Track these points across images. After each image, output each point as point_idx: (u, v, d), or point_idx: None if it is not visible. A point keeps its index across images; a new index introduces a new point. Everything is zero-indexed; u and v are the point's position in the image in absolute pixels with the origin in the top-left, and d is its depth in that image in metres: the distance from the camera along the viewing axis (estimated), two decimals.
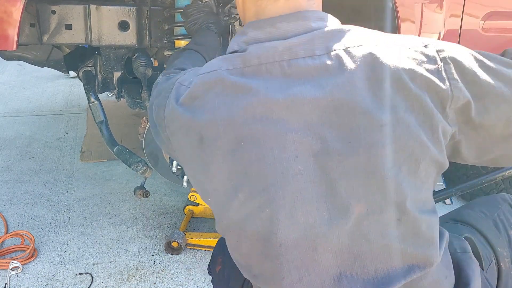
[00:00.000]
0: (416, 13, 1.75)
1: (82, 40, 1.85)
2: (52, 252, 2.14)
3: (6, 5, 1.44)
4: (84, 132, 3.38)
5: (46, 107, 3.90)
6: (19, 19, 1.45)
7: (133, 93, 2.16)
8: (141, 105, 2.08)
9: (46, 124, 3.53)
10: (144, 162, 1.91)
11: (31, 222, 2.35)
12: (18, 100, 4.02)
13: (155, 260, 2.13)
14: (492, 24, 1.93)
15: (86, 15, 1.80)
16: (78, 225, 2.35)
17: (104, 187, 2.70)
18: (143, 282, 2.00)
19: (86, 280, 1.99)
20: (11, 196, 2.57)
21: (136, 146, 3.04)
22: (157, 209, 2.51)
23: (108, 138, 1.99)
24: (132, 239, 2.26)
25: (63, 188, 2.67)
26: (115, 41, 1.86)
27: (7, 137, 3.29)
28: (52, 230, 2.30)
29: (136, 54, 2.00)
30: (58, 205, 2.51)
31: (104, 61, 1.96)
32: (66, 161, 2.99)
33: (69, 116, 3.71)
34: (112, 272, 2.05)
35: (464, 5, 1.85)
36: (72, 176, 2.80)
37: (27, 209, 2.46)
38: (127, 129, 3.38)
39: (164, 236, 2.28)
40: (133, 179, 2.77)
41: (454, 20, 1.86)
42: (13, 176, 2.77)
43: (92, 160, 3.00)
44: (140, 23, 1.87)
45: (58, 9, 1.78)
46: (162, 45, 1.96)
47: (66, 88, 4.36)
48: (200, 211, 2.38)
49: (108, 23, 1.83)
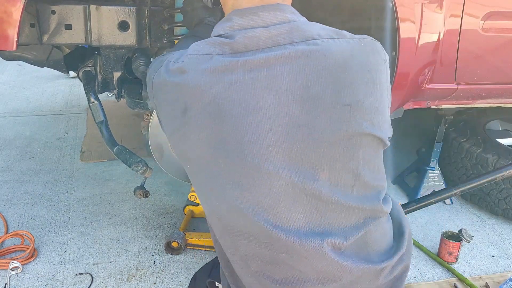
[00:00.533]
0: (416, 13, 1.75)
1: (82, 40, 1.84)
2: (52, 252, 2.14)
3: (6, 5, 1.44)
4: (84, 132, 3.38)
5: (46, 107, 3.90)
6: (19, 19, 1.45)
7: (133, 93, 2.15)
8: (141, 105, 2.08)
9: (46, 124, 3.53)
10: (144, 162, 1.91)
11: (31, 222, 2.35)
12: (18, 100, 4.02)
13: (155, 260, 2.13)
14: (492, 24, 1.93)
15: (86, 15, 1.80)
16: (78, 225, 2.35)
17: (104, 187, 2.70)
18: (143, 282, 2.00)
19: (86, 280, 1.99)
20: (11, 196, 2.57)
21: (136, 146, 3.04)
22: (157, 209, 2.51)
23: (108, 138, 1.99)
24: (132, 239, 2.26)
25: (63, 188, 2.67)
26: (115, 41, 1.86)
27: (7, 137, 3.29)
28: (52, 230, 2.30)
29: (136, 54, 2.00)
30: (58, 205, 2.51)
31: (104, 61, 1.96)
32: (66, 161, 2.99)
33: (69, 116, 3.71)
34: (112, 272, 2.05)
35: (464, 5, 1.85)
36: (72, 176, 2.80)
37: (27, 209, 2.46)
38: (127, 129, 3.38)
39: (164, 236, 2.28)
40: (133, 179, 2.77)
41: (454, 20, 1.86)
42: (13, 176, 2.77)
43: (92, 160, 3.00)
44: (140, 23, 1.87)
45: (58, 9, 1.77)
46: (162, 45, 1.96)
47: (66, 88, 4.36)
48: (200, 211, 2.38)
49: (108, 23, 1.83)
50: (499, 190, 2.52)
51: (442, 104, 2.15)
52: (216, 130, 0.97)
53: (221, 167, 0.98)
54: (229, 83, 0.96)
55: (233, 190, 0.99)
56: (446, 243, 2.21)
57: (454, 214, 2.65)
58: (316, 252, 0.98)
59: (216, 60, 0.97)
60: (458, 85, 2.03)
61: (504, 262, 2.28)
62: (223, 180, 0.99)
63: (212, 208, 1.07)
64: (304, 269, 1.00)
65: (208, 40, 1.04)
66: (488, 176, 2.12)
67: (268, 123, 0.95)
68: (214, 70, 0.97)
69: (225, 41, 1.00)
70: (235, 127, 0.95)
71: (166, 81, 1.03)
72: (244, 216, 0.99)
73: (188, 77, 0.98)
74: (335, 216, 1.00)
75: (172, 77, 1.01)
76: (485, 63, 2.02)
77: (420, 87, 1.94)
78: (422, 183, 2.71)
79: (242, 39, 0.98)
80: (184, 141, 1.02)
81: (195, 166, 1.04)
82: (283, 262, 1.01)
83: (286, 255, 1.00)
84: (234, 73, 0.96)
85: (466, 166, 2.64)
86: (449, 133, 2.75)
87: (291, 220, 0.98)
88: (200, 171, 1.03)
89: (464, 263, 2.25)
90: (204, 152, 0.99)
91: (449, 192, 2.17)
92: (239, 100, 0.95)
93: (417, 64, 1.81)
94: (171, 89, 1.02)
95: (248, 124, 0.95)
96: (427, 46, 1.82)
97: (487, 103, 2.22)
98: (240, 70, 0.96)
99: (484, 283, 2.11)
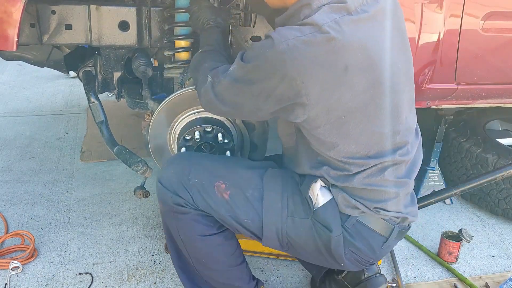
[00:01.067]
0: (416, 13, 1.75)
1: (82, 40, 1.85)
2: (52, 252, 2.15)
3: (6, 5, 1.44)
4: (84, 132, 3.38)
5: (46, 107, 3.90)
6: (19, 20, 1.45)
7: (133, 93, 2.15)
8: (141, 105, 2.08)
9: (46, 124, 3.53)
10: (144, 162, 1.91)
11: (31, 222, 2.35)
12: (18, 100, 4.02)
13: (155, 260, 2.13)
14: (492, 24, 1.93)
15: (86, 15, 1.80)
16: (78, 225, 2.35)
17: (104, 187, 2.71)
18: (143, 282, 2.00)
19: (86, 280, 1.99)
20: (11, 196, 2.57)
21: (136, 146, 3.04)
22: (157, 209, 2.51)
23: (108, 138, 1.99)
24: (132, 239, 2.27)
25: (63, 188, 2.68)
26: (115, 41, 1.86)
27: (7, 137, 3.29)
28: (52, 230, 2.30)
29: (136, 54, 2.00)
30: (58, 205, 2.51)
31: (104, 61, 1.96)
32: (66, 161, 2.99)
33: (69, 116, 3.71)
34: (112, 272, 2.05)
35: (464, 5, 1.85)
36: (72, 176, 2.80)
37: (27, 209, 2.46)
38: (127, 129, 3.38)
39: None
40: (133, 179, 2.77)
41: (454, 20, 1.86)
42: (13, 176, 2.77)
43: (92, 160, 3.00)
44: (140, 23, 1.87)
45: (58, 9, 1.77)
46: (162, 45, 1.96)
47: (66, 88, 4.36)
48: None
49: (108, 23, 1.83)
50: (499, 190, 2.52)
51: (442, 104, 2.15)
52: (370, 77, 1.34)
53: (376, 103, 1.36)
54: (372, 35, 1.32)
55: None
56: (446, 243, 2.21)
57: (454, 214, 2.65)
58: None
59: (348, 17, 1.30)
60: (458, 85, 2.03)
61: (504, 262, 2.28)
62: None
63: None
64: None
65: (324, 12, 1.29)
66: (488, 176, 2.12)
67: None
68: (356, 25, 1.30)
69: (338, 6, 1.30)
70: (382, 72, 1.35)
71: (316, 48, 1.26)
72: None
73: (338, 42, 1.26)
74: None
75: (320, 44, 1.26)
76: (485, 63, 2.02)
77: (420, 87, 1.94)
78: (422, 183, 2.71)
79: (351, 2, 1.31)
80: (338, 90, 1.31)
81: (351, 110, 1.35)
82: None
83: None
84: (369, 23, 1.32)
85: (466, 166, 2.64)
86: (449, 133, 2.75)
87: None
88: (358, 110, 1.36)
89: (464, 263, 2.25)
90: (362, 95, 1.34)
91: (449, 192, 2.17)
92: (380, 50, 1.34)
93: (417, 64, 1.81)
94: (323, 53, 1.27)
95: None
96: (427, 46, 1.82)
97: (487, 103, 2.22)
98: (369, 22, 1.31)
99: (484, 283, 2.11)
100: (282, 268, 2.12)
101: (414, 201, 1.60)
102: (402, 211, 1.52)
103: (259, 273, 2.08)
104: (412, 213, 1.57)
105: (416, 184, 2.74)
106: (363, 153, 1.41)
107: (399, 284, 2.05)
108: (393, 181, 1.46)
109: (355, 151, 1.40)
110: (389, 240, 1.53)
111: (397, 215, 1.51)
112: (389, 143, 1.42)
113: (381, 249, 1.54)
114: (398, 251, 2.29)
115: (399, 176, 1.48)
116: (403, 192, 1.50)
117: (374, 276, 1.78)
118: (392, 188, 1.46)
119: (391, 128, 1.41)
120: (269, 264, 2.15)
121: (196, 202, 1.50)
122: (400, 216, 1.52)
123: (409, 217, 1.54)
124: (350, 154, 1.41)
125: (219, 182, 1.49)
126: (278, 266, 2.14)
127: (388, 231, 1.52)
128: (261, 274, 2.08)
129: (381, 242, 1.53)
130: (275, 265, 2.14)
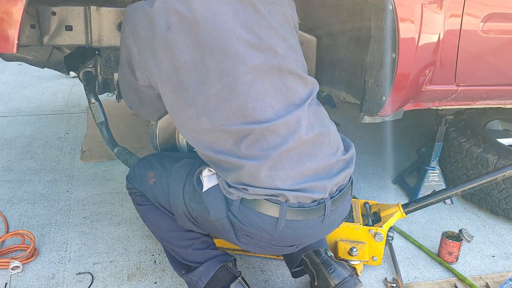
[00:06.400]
0: (415, 13, 1.74)
1: (83, 41, 1.85)
2: (53, 252, 2.15)
3: (6, 7, 1.44)
4: (84, 131, 3.39)
5: (47, 106, 3.90)
6: (19, 21, 1.45)
7: None
8: None
9: (47, 124, 3.53)
10: None
11: (31, 221, 2.36)
12: (19, 100, 4.03)
13: (156, 260, 2.14)
14: (492, 26, 1.92)
15: (86, 16, 1.80)
16: (78, 224, 2.36)
17: (104, 186, 2.71)
18: (143, 281, 2.01)
19: (86, 280, 2.00)
20: (11, 196, 2.57)
21: (136, 146, 3.04)
22: None
23: (108, 139, 1.99)
24: (133, 239, 2.27)
25: (63, 188, 2.68)
26: (115, 42, 1.86)
27: (7, 136, 3.29)
28: (53, 230, 2.30)
29: None
30: (58, 205, 2.51)
31: (105, 62, 1.97)
32: (66, 160, 2.99)
33: (70, 115, 3.71)
34: (112, 271, 2.05)
35: (464, 5, 1.85)
36: (72, 176, 2.81)
37: (27, 209, 2.46)
38: (128, 129, 3.38)
39: None
40: None
41: (454, 20, 1.86)
42: (13, 176, 2.78)
43: (92, 159, 3.00)
44: None
45: (58, 11, 1.78)
46: None
47: (66, 87, 4.37)
48: None
49: (108, 24, 1.83)
50: (500, 190, 2.52)
51: (442, 105, 2.15)
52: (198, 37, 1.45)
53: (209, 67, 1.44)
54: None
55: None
56: (446, 243, 2.21)
57: (454, 214, 2.65)
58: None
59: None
60: (458, 86, 2.02)
61: (504, 262, 2.28)
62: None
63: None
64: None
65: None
66: (488, 176, 2.12)
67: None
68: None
69: None
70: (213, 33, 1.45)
71: (149, 11, 1.46)
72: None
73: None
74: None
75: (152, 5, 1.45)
76: (485, 64, 2.02)
77: (420, 88, 1.94)
78: (423, 183, 2.71)
79: None
80: (169, 53, 1.44)
81: (184, 72, 1.44)
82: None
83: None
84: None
85: (466, 166, 2.64)
86: (450, 133, 2.75)
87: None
88: (192, 75, 1.44)
89: (464, 263, 2.25)
90: (192, 56, 1.45)
91: (449, 192, 2.17)
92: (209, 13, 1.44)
93: (417, 65, 1.81)
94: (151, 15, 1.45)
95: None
96: (427, 47, 1.82)
97: (487, 104, 2.22)
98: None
99: (484, 283, 2.11)
100: (282, 268, 2.12)
101: (321, 176, 1.47)
102: (280, 187, 1.41)
103: (259, 273, 2.09)
104: (308, 189, 1.44)
105: (416, 184, 2.76)
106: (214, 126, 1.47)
107: (399, 284, 2.05)
108: (255, 154, 1.41)
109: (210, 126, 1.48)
110: (281, 220, 1.45)
111: (272, 192, 1.41)
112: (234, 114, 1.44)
113: (277, 230, 1.47)
114: (398, 251, 2.29)
115: (261, 148, 1.41)
116: (266, 166, 1.40)
117: (341, 283, 1.71)
118: (254, 161, 1.40)
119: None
120: (269, 264, 2.15)
121: (137, 187, 1.81)
122: (277, 192, 1.41)
123: (300, 194, 1.43)
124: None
125: (149, 172, 1.74)
126: (278, 266, 2.14)
127: (275, 211, 1.44)
128: (261, 274, 2.09)
129: (274, 223, 1.45)
130: (275, 265, 2.15)
